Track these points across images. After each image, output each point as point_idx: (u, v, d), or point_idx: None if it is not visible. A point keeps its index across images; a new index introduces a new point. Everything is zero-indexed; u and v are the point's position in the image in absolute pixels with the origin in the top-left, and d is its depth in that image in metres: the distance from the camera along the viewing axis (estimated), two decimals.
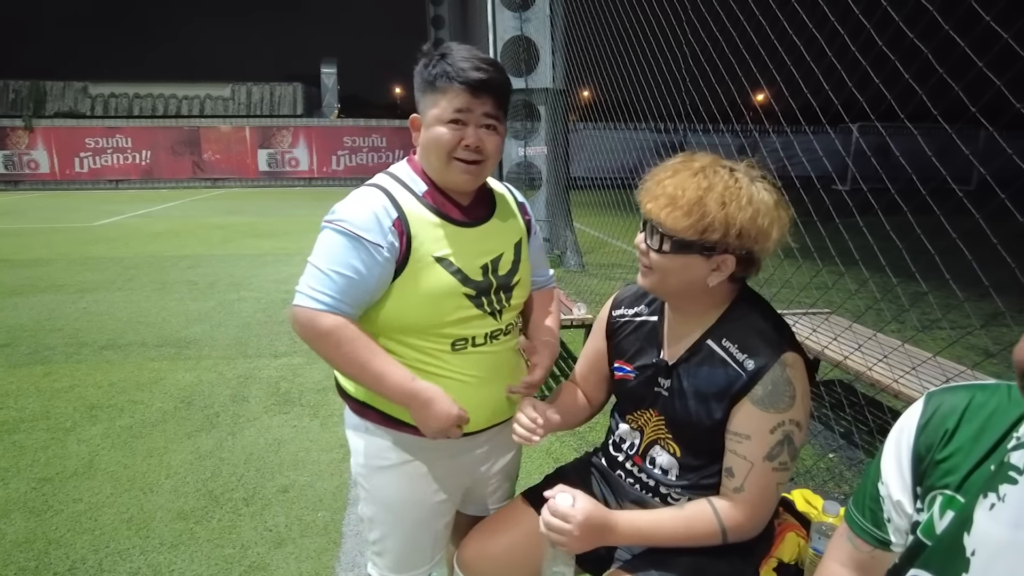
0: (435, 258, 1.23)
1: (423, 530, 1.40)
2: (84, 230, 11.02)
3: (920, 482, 0.84)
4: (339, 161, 21.75)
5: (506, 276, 1.33)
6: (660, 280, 1.20)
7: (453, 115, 1.20)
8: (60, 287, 6.58)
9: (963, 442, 0.80)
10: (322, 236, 1.22)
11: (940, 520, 0.79)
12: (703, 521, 1.17)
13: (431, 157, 1.25)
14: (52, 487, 2.74)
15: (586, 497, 1.18)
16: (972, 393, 0.83)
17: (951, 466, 0.80)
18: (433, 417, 1.23)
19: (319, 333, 1.19)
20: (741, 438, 1.16)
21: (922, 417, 0.86)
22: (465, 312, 1.27)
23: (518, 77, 7.42)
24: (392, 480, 1.36)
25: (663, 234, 1.15)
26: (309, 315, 1.19)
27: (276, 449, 3.10)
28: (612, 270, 7.53)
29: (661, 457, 1.30)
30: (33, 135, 20.39)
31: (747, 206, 1.10)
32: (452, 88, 1.19)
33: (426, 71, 1.22)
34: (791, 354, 1.16)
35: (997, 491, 0.74)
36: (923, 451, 0.84)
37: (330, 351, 1.21)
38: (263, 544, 2.37)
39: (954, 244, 1.97)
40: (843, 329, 3.01)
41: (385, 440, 1.34)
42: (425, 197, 1.26)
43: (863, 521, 0.92)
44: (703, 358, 1.22)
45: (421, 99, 1.25)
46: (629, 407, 1.37)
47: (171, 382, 3.98)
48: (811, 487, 2.68)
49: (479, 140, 1.22)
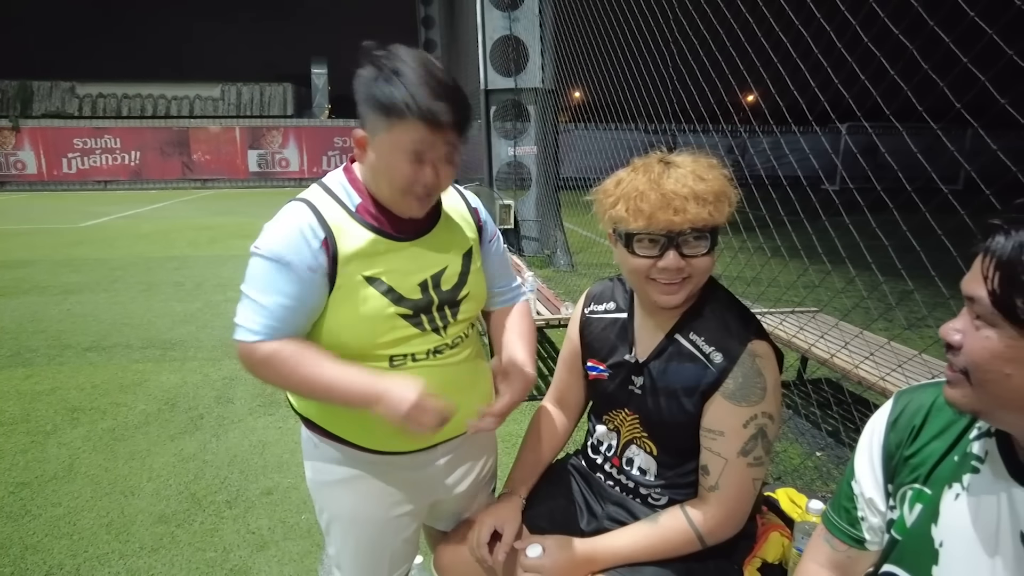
0: (365, 278, 1.14)
1: (377, 545, 1.35)
2: (70, 231, 10.91)
3: (891, 479, 0.86)
4: (330, 161, 21.67)
5: (451, 291, 1.24)
6: (697, 283, 1.16)
7: (411, 149, 1.07)
8: (43, 288, 6.50)
9: (929, 437, 0.83)
10: (251, 264, 1.14)
11: (910, 514, 0.82)
12: (678, 531, 1.16)
13: (382, 186, 1.14)
14: (30, 491, 2.69)
15: (556, 540, 1.19)
16: (939, 390, 0.84)
17: (918, 461, 0.83)
18: (392, 409, 1.07)
19: (257, 362, 1.12)
20: (715, 434, 1.15)
21: (891, 415, 0.88)
22: (401, 332, 1.18)
23: (507, 77, 7.40)
24: (341, 495, 1.30)
25: (709, 233, 1.11)
26: (246, 348, 1.13)
27: (260, 451, 3.07)
28: (602, 270, 7.53)
29: (639, 457, 1.29)
30: (20, 135, 20.20)
31: (718, 172, 1.13)
32: (410, 120, 1.04)
33: (377, 87, 1.05)
34: (759, 343, 1.15)
35: (961, 480, 0.77)
36: (893, 448, 0.86)
37: (273, 377, 1.14)
38: (245, 547, 2.33)
39: (940, 243, 1.97)
40: (830, 327, 3.00)
41: (332, 454, 1.28)
42: (359, 212, 1.16)
43: (839, 520, 0.93)
44: (672, 354, 1.21)
45: (368, 115, 1.08)
46: (605, 408, 1.35)
47: (155, 384, 3.93)
48: (798, 486, 2.68)
49: (436, 179, 1.12)
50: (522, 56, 7.33)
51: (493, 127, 7.83)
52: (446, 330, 1.25)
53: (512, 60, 7.32)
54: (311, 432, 1.29)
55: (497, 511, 1.29)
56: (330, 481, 1.30)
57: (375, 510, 1.31)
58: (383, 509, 1.31)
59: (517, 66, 7.35)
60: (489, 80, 7.55)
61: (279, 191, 20.18)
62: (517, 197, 7.91)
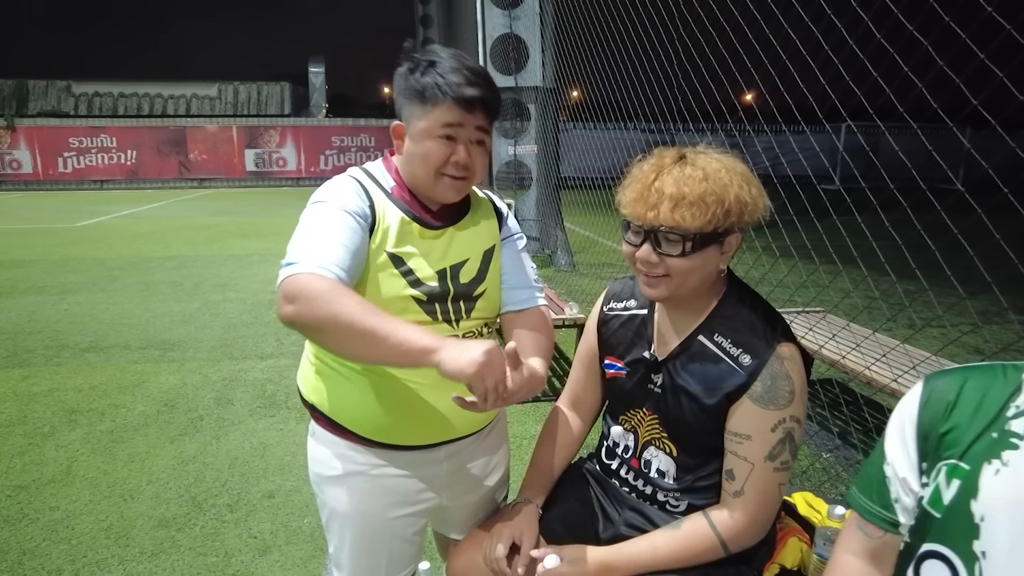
0: (388, 254, 1.17)
1: (374, 544, 1.32)
2: (67, 231, 10.85)
3: (926, 457, 0.87)
4: (327, 161, 21.59)
5: (468, 285, 1.25)
6: (679, 284, 1.13)
7: (444, 130, 1.15)
8: (41, 288, 6.44)
9: (964, 415, 0.84)
10: (305, 214, 1.14)
11: (947, 489, 0.83)
12: (700, 538, 1.14)
13: (417, 170, 1.19)
14: (28, 495, 2.65)
15: (574, 549, 1.17)
16: (967, 374, 0.88)
17: (954, 438, 0.84)
18: (460, 359, 0.94)
19: (314, 295, 0.99)
20: (741, 438, 1.13)
21: (922, 396, 0.90)
22: (412, 317, 1.17)
23: (507, 76, 7.37)
24: (340, 491, 1.29)
25: (682, 236, 1.08)
26: (301, 280, 1.01)
27: (261, 453, 3.03)
28: (602, 269, 7.50)
29: (657, 459, 1.26)
30: (15, 135, 20.07)
31: (739, 179, 1.10)
32: (444, 102, 1.13)
33: (413, 78, 1.15)
34: (787, 346, 1.13)
35: (1000, 457, 0.79)
36: (927, 426, 0.87)
37: (328, 312, 0.98)
38: (247, 552, 2.29)
39: (944, 243, 1.96)
40: (840, 328, 2.98)
41: (334, 449, 1.27)
42: (393, 193, 1.21)
43: (871, 505, 0.94)
44: (695, 354, 1.18)
45: (406, 107, 1.18)
46: (621, 407, 1.32)
47: (154, 385, 3.88)
48: (808, 487, 2.66)
49: (468, 157, 1.17)
50: (522, 55, 7.30)
51: (493, 126, 7.79)
52: (458, 324, 1.24)
53: (512, 59, 7.28)
54: (315, 422, 1.29)
55: (514, 522, 1.25)
56: (330, 476, 1.29)
57: (373, 508, 1.29)
58: (381, 507, 1.29)
59: (517, 65, 7.32)
60: None
61: (276, 190, 20.11)
62: (517, 196, 7.88)
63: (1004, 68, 1.65)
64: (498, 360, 0.97)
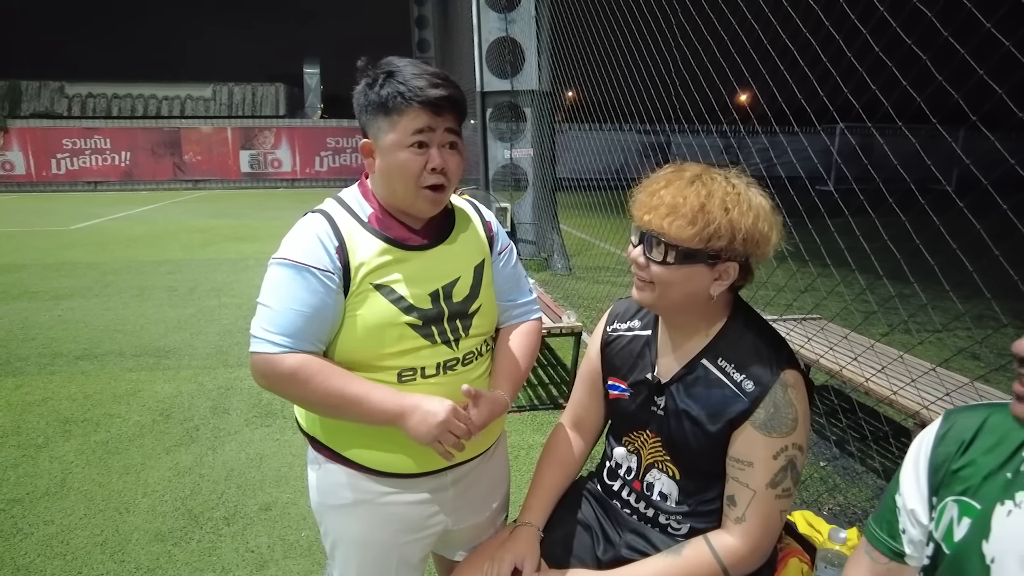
0: (374, 286, 1.15)
1: (382, 572, 1.31)
2: (60, 234, 10.77)
3: (936, 492, 0.88)
4: (322, 162, 21.51)
5: (462, 303, 1.23)
6: (661, 294, 1.15)
7: (414, 138, 1.12)
8: (33, 294, 6.39)
9: (979, 453, 0.84)
10: (269, 274, 1.14)
11: (958, 527, 0.82)
12: (702, 563, 1.13)
13: (395, 185, 1.16)
14: (22, 508, 2.62)
15: (576, 574, 1.18)
16: (989, 412, 0.87)
17: (967, 475, 0.84)
18: (422, 424, 1.11)
19: (282, 376, 1.10)
20: (743, 465, 1.12)
21: (940, 430, 0.91)
22: (410, 343, 1.17)
23: (503, 79, 7.35)
24: (346, 520, 1.27)
25: (667, 245, 1.10)
26: (267, 360, 1.10)
27: (258, 464, 3.01)
28: (599, 273, 7.49)
29: (660, 481, 1.25)
30: (8, 136, 19.92)
31: (748, 211, 1.09)
32: (410, 109, 1.10)
33: (373, 92, 1.13)
34: (791, 372, 1.13)
35: (1014, 498, 0.78)
36: (940, 461, 0.88)
37: (299, 391, 1.12)
38: (245, 567, 2.28)
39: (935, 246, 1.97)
40: (839, 338, 2.97)
41: (338, 478, 1.25)
42: (370, 222, 1.19)
43: (880, 533, 0.95)
44: (698, 378, 1.18)
45: (371, 123, 1.15)
46: (624, 428, 1.32)
47: (149, 394, 3.86)
48: (805, 497, 2.65)
49: (444, 161, 1.15)
50: (518, 58, 7.28)
51: (489, 129, 7.78)
52: (457, 344, 1.23)
53: (508, 62, 7.27)
54: (317, 453, 1.27)
55: (516, 546, 1.24)
56: (336, 505, 1.27)
57: (381, 536, 1.28)
58: (389, 535, 1.28)
59: (513, 68, 7.30)
60: (485, 82, 7.50)
61: (271, 192, 20.04)
62: (513, 200, 7.87)
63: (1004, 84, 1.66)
64: (455, 420, 1.12)
